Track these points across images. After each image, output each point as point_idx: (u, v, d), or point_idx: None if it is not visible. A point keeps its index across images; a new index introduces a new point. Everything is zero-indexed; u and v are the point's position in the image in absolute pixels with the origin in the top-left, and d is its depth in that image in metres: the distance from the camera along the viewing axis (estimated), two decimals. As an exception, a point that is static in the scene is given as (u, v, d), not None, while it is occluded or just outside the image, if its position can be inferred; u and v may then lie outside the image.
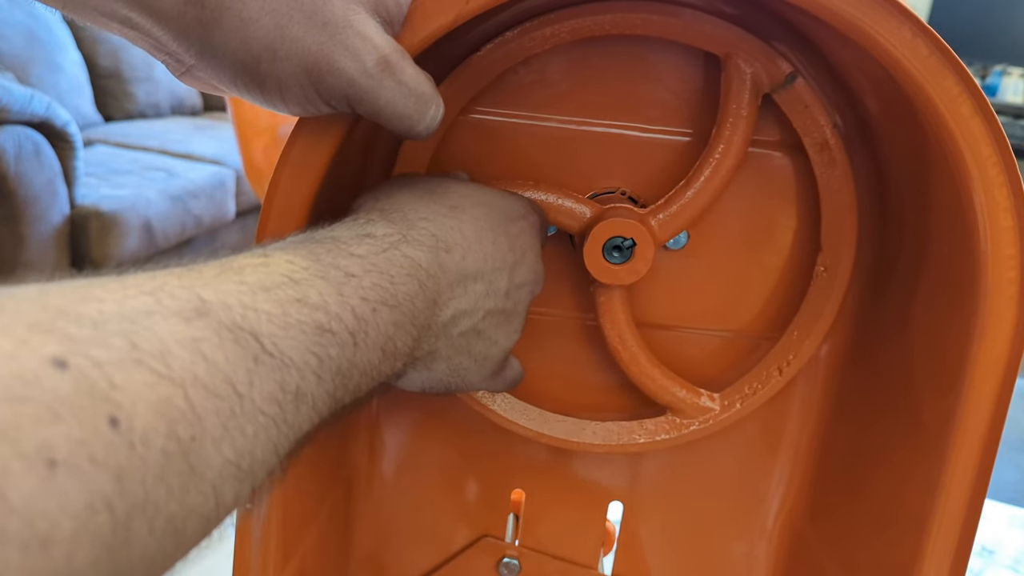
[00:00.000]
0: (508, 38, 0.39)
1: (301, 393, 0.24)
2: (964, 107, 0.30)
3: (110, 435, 0.17)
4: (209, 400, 0.20)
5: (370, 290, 0.27)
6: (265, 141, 1.02)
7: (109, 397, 0.17)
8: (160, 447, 0.18)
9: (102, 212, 1.79)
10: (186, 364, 0.20)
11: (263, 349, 0.22)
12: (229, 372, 0.21)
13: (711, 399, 0.43)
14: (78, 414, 0.17)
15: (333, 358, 0.25)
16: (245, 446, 0.21)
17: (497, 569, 0.48)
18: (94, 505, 0.17)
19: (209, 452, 0.20)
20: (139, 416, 0.18)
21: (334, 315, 0.25)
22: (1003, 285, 0.31)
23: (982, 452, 0.33)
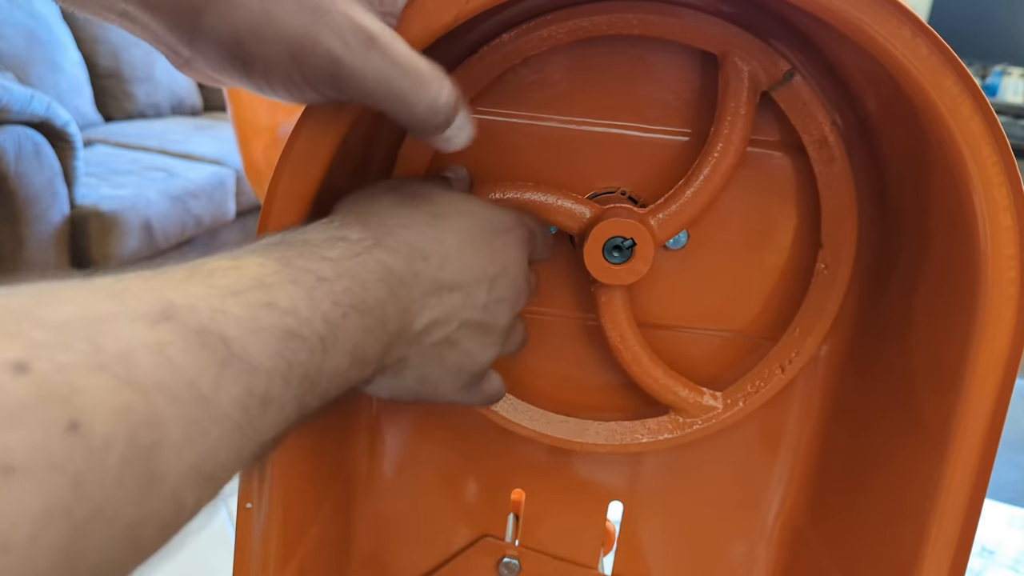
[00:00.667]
0: (507, 39, 0.39)
1: (269, 398, 0.23)
2: (964, 107, 0.30)
3: (69, 440, 0.17)
4: (172, 405, 0.20)
5: (341, 295, 0.27)
6: (265, 141, 1.02)
7: (70, 401, 0.17)
8: (120, 452, 0.18)
9: (102, 212, 1.79)
10: (150, 368, 0.19)
11: (231, 353, 0.22)
12: (195, 376, 0.21)
13: (714, 398, 0.43)
14: (38, 419, 0.17)
15: (302, 363, 0.25)
16: (208, 451, 0.21)
17: (497, 569, 0.48)
18: (52, 510, 0.16)
19: (170, 457, 0.19)
20: (100, 421, 0.18)
21: (304, 319, 0.25)
22: (1003, 285, 0.31)
23: (982, 452, 0.33)
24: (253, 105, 0.81)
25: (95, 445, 0.18)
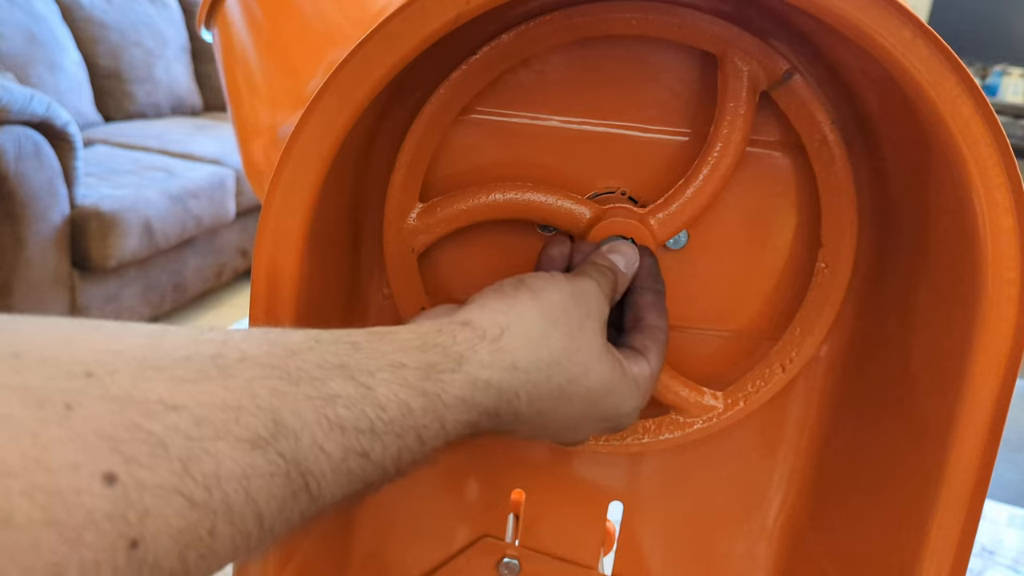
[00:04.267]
0: (506, 39, 0.39)
1: (320, 512, 0.25)
2: (964, 107, 0.30)
3: (124, 559, 0.18)
4: (231, 528, 0.21)
5: (425, 454, 0.28)
6: (265, 141, 1.02)
7: (139, 523, 0.18)
8: (166, 570, 0.19)
9: (102, 212, 1.79)
10: (227, 494, 0.20)
11: (305, 486, 0.23)
12: (263, 505, 0.22)
13: (714, 397, 0.43)
14: (102, 538, 0.17)
15: (357, 494, 0.26)
16: (244, 555, 0.22)
17: (497, 569, 0.48)
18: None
19: (212, 567, 0.20)
20: (159, 542, 0.19)
21: (381, 468, 0.26)
22: (1003, 285, 0.31)
23: (982, 452, 0.33)
24: (253, 105, 0.81)
25: (146, 565, 0.18)
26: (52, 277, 1.73)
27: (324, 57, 0.41)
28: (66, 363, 0.19)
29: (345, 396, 0.25)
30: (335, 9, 0.43)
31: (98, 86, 2.48)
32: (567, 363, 0.33)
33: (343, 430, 0.24)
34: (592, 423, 0.36)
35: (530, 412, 0.32)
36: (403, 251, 0.41)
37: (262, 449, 0.22)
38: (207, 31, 0.51)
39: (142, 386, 0.20)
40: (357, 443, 0.25)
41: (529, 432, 0.33)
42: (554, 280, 0.35)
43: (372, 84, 0.31)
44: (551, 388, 0.32)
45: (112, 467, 0.18)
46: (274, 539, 0.23)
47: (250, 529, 0.21)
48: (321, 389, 0.24)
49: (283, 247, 0.32)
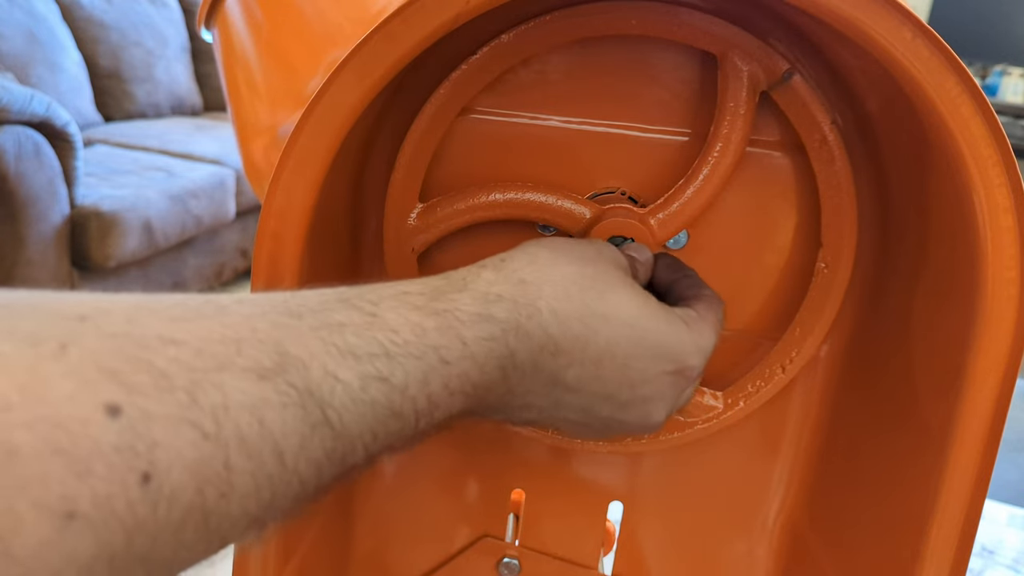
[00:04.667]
0: (506, 39, 0.39)
1: (345, 461, 0.23)
2: (965, 108, 0.30)
3: (137, 492, 0.17)
4: (249, 463, 0.20)
5: (455, 379, 0.26)
6: (265, 141, 1.02)
7: (149, 454, 0.18)
8: (184, 505, 0.18)
9: (102, 212, 1.79)
10: (239, 426, 0.20)
11: (325, 419, 0.22)
12: (280, 438, 0.21)
13: (714, 397, 0.43)
14: (112, 469, 0.17)
15: (390, 434, 0.25)
16: (270, 503, 0.21)
17: (497, 569, 0.48)
18: (99, 557, 0.17)
19: (232, 509, 0.20)
20: (172, 475, 0.18)
21: (409, 398, 0.25)
22: (1003, 285, 0.31)
23: (982, 452, 0.33)
24: (253, 105, 0.81)
25: (161, 498, 0.18)
26: (52, 277, 1.73)
27: (324, 57, 0.41)
28: (57, 309, 0.18)
29: (352, 324, 0.24)
30: (335, 9, 0.43)
31: (98, 86, 2.48)
32: (585, 282, 0.31)
33: (356, 357, 0.23)
34: (653, 363, 0.32)
35: (566, 336, 0.30)
36: (403, 251, 0.41)
37: (270, 380, 0.21)
38: (207, 31, 0.51)
39: (138, 324, 0.19)
40: (373, 368, 0.24)
41: (590, 376, 0.31)
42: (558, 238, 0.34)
43: (372, 84, 0.31)
44: (577, 306, 0.30)
45: (114, 398, 0.17)
46: (304, 485, 0.22)
47: (270, 466, 0.20)
48: (325, 320, 0.23)
49: (283, 247, 0.32)
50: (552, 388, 0.31)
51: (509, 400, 0.30)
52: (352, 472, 0.25)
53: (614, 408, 0.32)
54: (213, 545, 0.20)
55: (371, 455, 0.25)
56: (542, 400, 0.31)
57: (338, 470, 0.24)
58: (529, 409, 0.31)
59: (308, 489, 0.23)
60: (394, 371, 0.24)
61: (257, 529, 0.22)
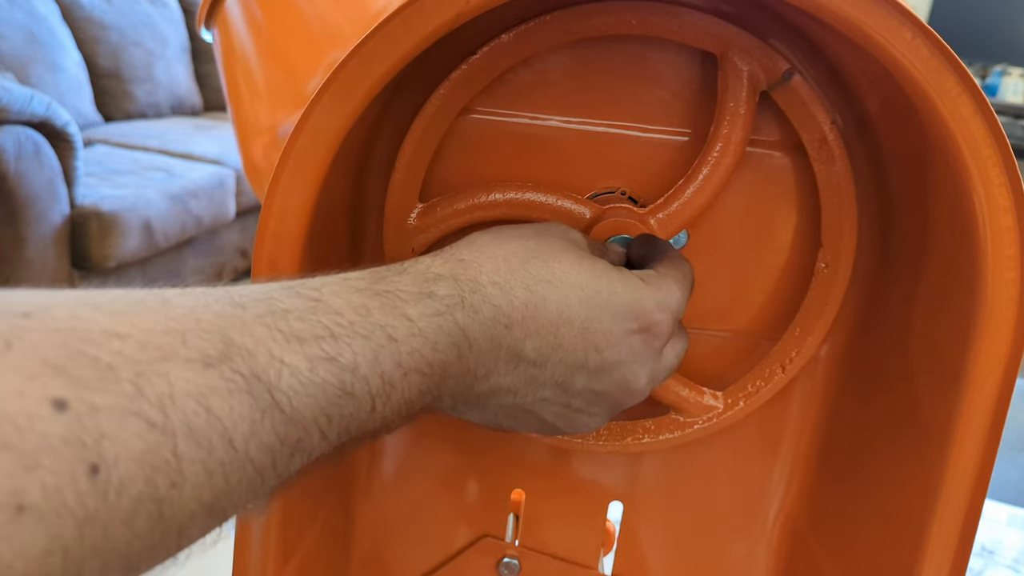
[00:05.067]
0: (506, 39, 0.39)
1: (300, 447, 0.23)
2: (964, 108, 0.30)
3: (86, 484, 0.17)
4: (198, 451, 0.20)
5: (407, 356, 0.26)
6: (265, 141, 1.02)
7: (97, 446, 0.18)
8: (134, 495, 0.18)
9: (102, 212, 1.79)
10: (186, 415, 0.20)
11: (274, 403, 0.22)
12: (229, 425, 0.21)
13: (714, 397, 0.43)
14: (59, 462, 0.17)
15: (345, 417, 0.25)
16: (225, 492, 0.21)
17: (497, 569, 0.48)
18: (51, 550, 0.17)
19: (185, 498, 0.20)
20: (120, 466, 0.18)
21: (361, 377, 0.25)
22: (1003, 285, 0.31)
23: (982, 452, 0.33)
24: (253, 105, 0.81)
25: (110, 489, 0.18)
26: (52, 277, 1.73)
27: (324, 57, 0.41)
28: (1, 308, 0.19)
29: (295, 309, 0.24)
30: (335, 9, 0.43)
31: (98, 86, 2.48)
32: (527, 253, 0.31)
33: (301, 340, 0.23)
34: (615, 323, 0.31)
35: (513, 306, 0.30)
36: (403, 251, 0.41)
37: (215, 367, 0.21)
38: (207, 31, 0.51)
39: (81, 319, 0.19)
40: (320, 350, 0.24)
41: (549, 346, 0.30)
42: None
43: (372, 84, 0.31)
44: (520, 275, 0.30)
45: (60, 392, 0.17)
46: (261, 473, 0.22)
47: (220, 453, 0.20)
48: (269, 307, 0.24)
49: (283, 247, 0.32)
50: (516, 364, 0.30)
51: (474, 384, 0.30)
52: (316, 462, 0.25)
53: (589, 378, 0.32)
54: (171, 538, 0.20)
55: (331, 442, 0.25)
56: (510, 379, 0.30)
57: (296, 457, 0.23)
58: (502, 394, 0.31)
59: (266, 478, 0.23)
60: (342, 351, 0.24)
61: (217, 521, 0.21)
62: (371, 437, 0.27)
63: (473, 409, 0.32)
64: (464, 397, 0.30)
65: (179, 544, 0.21)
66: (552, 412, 0.33)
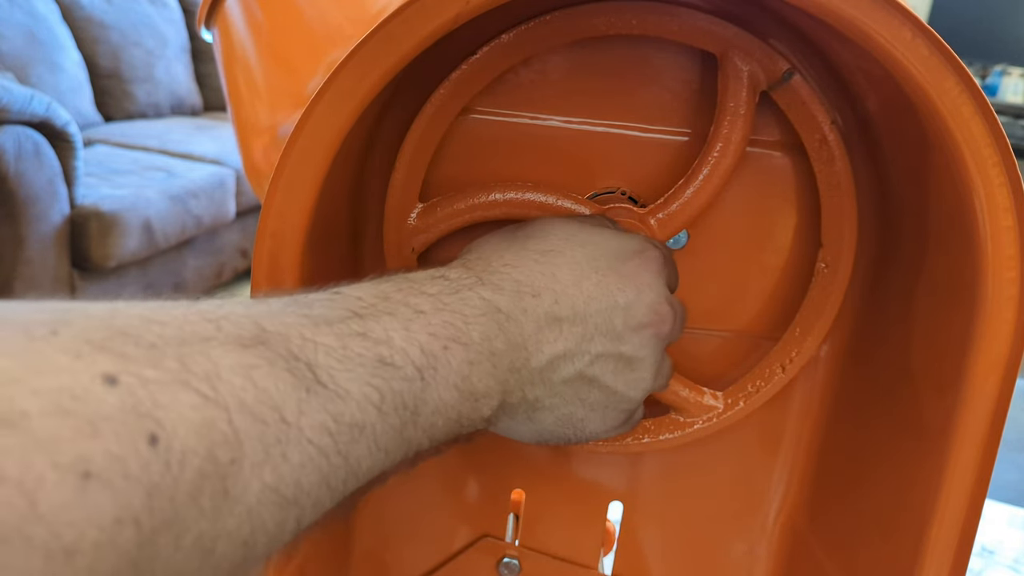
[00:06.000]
0: (506, 39, 0.39)
1: (358, 426, 0.23)
2: (965, 108, 0.30)
3: (147, 453, 0.18)
4: (253, 425, 0.20)
5: (440, 327, 0.27)
6: (265, 141, 1.02)
7: (152, 415, 0.18)
8: (196, 467, 0.19)
9: (102, 212, 1.79)
10: (234, 389, 0.20)
11: (317, 380, 0.22)
12: (278, 400, 0.21)
13: (714, 397, 0.43)
14: (119, 430, 0.17)
15: (397, 392, 0.25)
16: (289, 473, 0.21)
17: (497, 569, 0.48)
18: (122, 519, 0.17)
19: (247, 476, 0.20)
20: (179, 436, 0.18)
21: (398, 349, 0.25)
22: (1003, 285, 0.31)
23: (982, 452, 0.33)
24: (253, 105, 0.81)
25: (172, 459, 0.18)
26: (52, 277, 1.73)
27: (324, 57, 0.41)
28: (40, 306, 0.19)
29: (318, 300, 0.25)
30: (335, 9, 0.43)
31: (98, 86, 2.48)
32: (523, 237, 0.34)
33: (329, 323, 0.24)
34: (618, 262, 0.34)
35: (533, 275, 0.31)
36: (403, 251, 0.41)
37: (253, 348, 0.21)
38: (207, 31, 0.51)
39: (118, 312, 0.20)
40: (348, 328, 0.24)
41: (583, 302, 0.32)
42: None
43: (372, 84, 0.31)
44: (529, 253, 0.32)
45: (109, 368, 0.18)
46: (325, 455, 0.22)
47: (274, 428, 0.21)
48: (293, 300, 0.25)
49: (283, 247, 0.32)
50: (559, 327, 0.31)
51: (530, 359, 0.31)
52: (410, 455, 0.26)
53: (625, 314, 0.33)
54: (243, 524, 0.20)
55: (393, 423, 0.25)
56: (562, 344, 0.32)
57: (361, 441, 0.24)
58: (561, 364, 0.32)
59: (334, 463, 0.23)
60: (370, 327, 0.25)
61: (293, 512, 0.22)
62: (456, 431, 0.28)
63: (544, 398, 0.32)
64: (529, 377, 0.31)
65: (255, 533, 0.21)
66: (611, 371, 0.33)
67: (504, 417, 0.32)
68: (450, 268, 0.31)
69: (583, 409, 0.33)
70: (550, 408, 0.33)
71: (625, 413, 0.35)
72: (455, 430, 0.28)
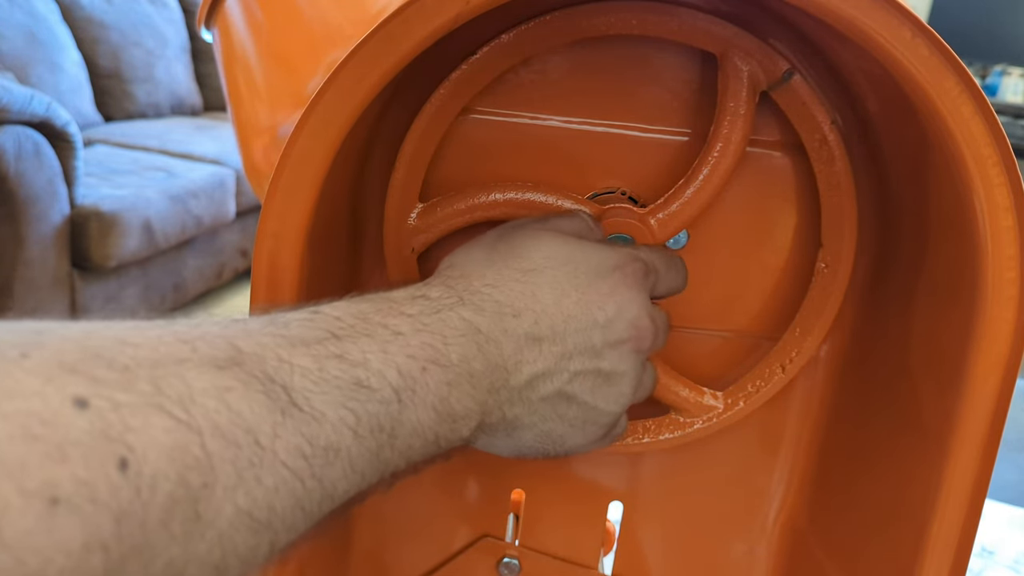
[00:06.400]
0: (506, 39, 0.39)
1: (333, 449, 0.23)
2: (965, 108, 0.30)
3: (117, 477, 0.17)
4: (227, 449, 0.20)
5: (418, 348, 0.27)
6: (265, 141, 1.02)
7: (123, 440, 0.18)
8: (167, 492, 0.18)
9: (102, 212, 1.79)
10: (208, 412, 0.20)
11: (292, 402, 0.22)
12: (252, 423, 0.21)
13: (714, 397, 0.43)
14: (88, 455, 0.17)
15: (372, 414, 0.25)
16: (262, 497, 0.21)
17: (497, 569, 0.48)
18: (90, 545, 0.17)
19: (219, 500, 0.20)
20: (150, 460, 0.18)
21: (375, 371, 0.25)
22: (1003, 285, 0.31)
23: (982, 452, 0.33)
24: (253, 105, 0.81)
25: (143, 484, 0.18)
26: (52, 277, 1.73)
27: (324, 57, 0.41)
28: (13, 327, 0.19)
29: (296, 320, 0.25)
30: (335, 9, 0.43)
31: (98, 86, 2.48)
32: (505, 253, 0.33)
33: (306, 344, 0.24)
34: (599, 279, 0.34)
35: (514, 295, 0.31)
36: (403, 251, 0.41)
37: (228, 369, 0.21)
38: (207, 31, 0.51)
39: (93, 333, 0.20)
40: (325, 350, 0.24)
41: (561, 321, 0.32)
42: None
43: (372, 84, 0.31)
44: (511, 271, 0.32)
45: (80, 391, 0.18)
46: (298, 478, 0.22)
47: (248, 451, 0.20)
48: (270, 320, 0.25)
49: (283, 247, 0.32)
50: (539, 347, 0.31)
51: (509, 378, 0.31)
52: (367, 473, 0.25)
53: (604, 331, 0.33)
54: (215, 550, 0.20)
55: (369, 446, 0.25)
56: (542, 363, 0.32)
57: (336, 464, 0.23)
58: (540, 383, 0.32)
59: (308, 487, 0.22)
60: (347, 349, 0.25)
61: (265, 536, 0.21)
62: (434, 452, 0.28)
63: (523, 416, 0.32)
64: (508, 397, 0.31)
65: (226, 558, 0.20)
66: (589, 388, 0.33)
67: (483, 435, 0.32)
68: (430, 287, 0.31)
69: (562, 425, 0.34)
70: (529, 426, 0.33)
71: (604, 428, 0.35)
72: (432, 451, 0.28)
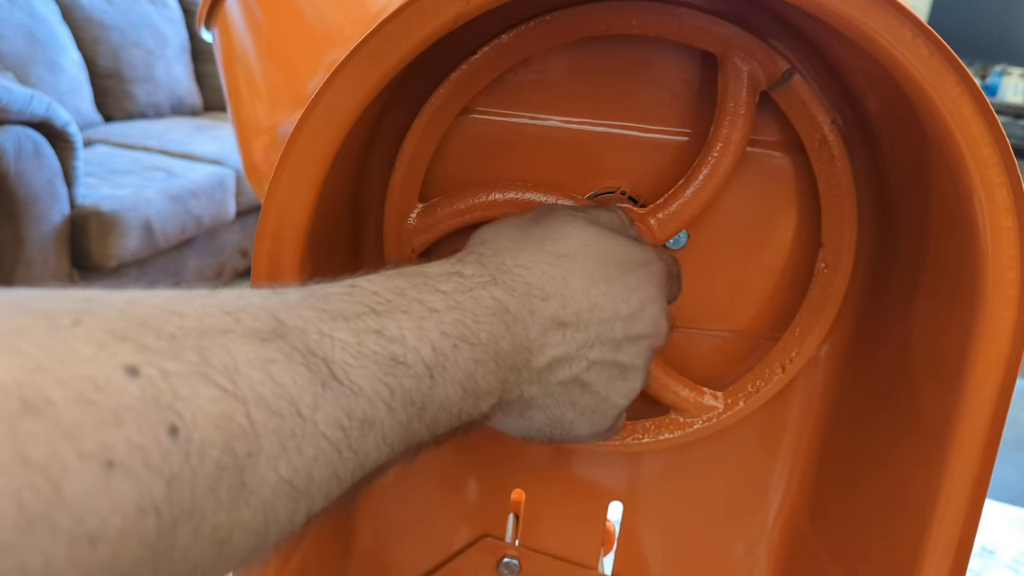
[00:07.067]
0: (506, 39, 0.39)
1: (368, 421, 0.24)
2: (965, 108, 0.30)
3: (168, 443, 0.18)
4: (270, 419, 0.21)
5: (451, 326, 0.28)
6: (265, 141, 1.02)
7: (172, 407, 0.18)
8: (215, 459, 0.19)
9: (102, 212, 1.79)
10: (252, 383, 0.20)
11: (332, 375, 0.23)
12: (295, 394, 0.21)
13: (714, 397, 0.43)
14: (140, 420, 0.18)
15: (407, 389, 0.26)
16: (303, 466, 0.22)
17: (497, 569, 0.48)
18: (143, 507, 0.17)
19: (263, 469, 0.20)
20: (198, 428, 0.19)
21: (411, 348, 0.26)
22: (1003, 285, 0.31)
23: (982, 452, 0.33)
24: (253, 105, 0.81)
25: (192, 450, 0.18)
26: (52, 277, 1.73)
27: (324, 57, 0.41)
28: (62, 295, 0.19)
29: (335, 294, 0.26)
30: (335, 9, 0.43)
31: (98, 86, 2.48)
32: (539, 236, 0.34)
33: (345, 318, 0.25)
34: (626, 271, 0.34)
35: (545, 278, 0.32)
36: (403, 251, 0.41)
37: (272, 342, 0.22)
38: (207, 31, 0.51)
39: (139, 303, 0.20)
40: (364, 324, 0.25)
41: (586, 308, 0.33)
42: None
43: (372, 84, 0.31)
44: (544, 255, 0.33)
45: (131, 359, 0.18)
46: (337, 449, 0.22)
47: (291, 422, 0.21)
48: (311, 293, 0.25)
49: (283, 247, 0.32)
50: (563, 332, 0.32)
51: (531, 359, 0.31)
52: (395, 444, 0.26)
53: (625, 324, 0.34)
54: (258, 517, 0.20)
55: (401, 419, 0.25)
56: (563, 348, 0.32)
57: (370, 436, 0.24)
58: (559, 367, 0.32)
59: (344, 456, 0.23)
60: (385, 324, 0.26)
61: (303, 504, 0.22)
62: (455, 426, 0.28)
63: (538, 397, 0.33)
64: (528, 377, 0.32)
65: (267, 524, 0.21)
66: (604, 378, 0.34)
67: (498, 412, 0.32)
68: (464, 263, 0.31)
69: (573, 412, 0.34)
70: (542, 407, 0.34)
71: (610, 420, 0.36)
72: (455, 424, 0.29)
